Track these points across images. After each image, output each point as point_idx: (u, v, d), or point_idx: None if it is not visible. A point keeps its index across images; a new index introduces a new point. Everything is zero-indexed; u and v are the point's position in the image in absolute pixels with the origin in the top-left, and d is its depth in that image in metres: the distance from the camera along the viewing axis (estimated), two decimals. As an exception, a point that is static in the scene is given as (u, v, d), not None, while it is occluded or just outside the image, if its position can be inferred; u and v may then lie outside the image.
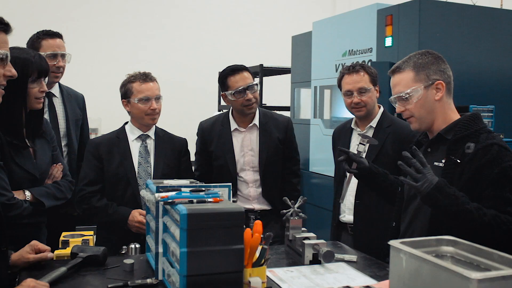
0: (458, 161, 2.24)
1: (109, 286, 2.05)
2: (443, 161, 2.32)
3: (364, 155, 2.86)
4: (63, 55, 3.54)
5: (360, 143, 2.81)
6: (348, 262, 2.49)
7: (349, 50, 4.93)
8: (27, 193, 2.63)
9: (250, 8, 8.71)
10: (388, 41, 4.44)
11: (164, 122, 3.55)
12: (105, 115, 6.14)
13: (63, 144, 3.51)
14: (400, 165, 2.27)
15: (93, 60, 7.47)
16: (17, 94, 2.57)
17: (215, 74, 6.99)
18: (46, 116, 3.39)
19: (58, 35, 3.57)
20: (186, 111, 7.51)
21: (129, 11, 8.04)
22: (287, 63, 6.24)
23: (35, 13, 7.25)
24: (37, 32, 3.55)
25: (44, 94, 2.73)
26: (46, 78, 2.75)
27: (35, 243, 2.31)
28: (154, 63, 6.07)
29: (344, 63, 4.84)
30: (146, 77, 3.27)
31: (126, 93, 3.27)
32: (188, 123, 5.06)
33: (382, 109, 3.37)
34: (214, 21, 8.46)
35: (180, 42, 8.22)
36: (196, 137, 3.67)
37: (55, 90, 3.58)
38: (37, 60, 2.66)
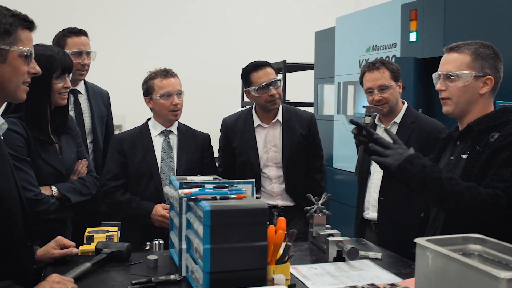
0: (481, 150, 2.23)
1: (133, 282, 2.05)
2: (468, 152, 2.29)
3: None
4: (88, 53, 3.56)
5: (366, 115, 2.72)
6: (373, 259, 2.47)
7: (373, 46, 4.89)
8: (54, 188, 2.66)
9: (273, 4, 8.69)
10: (413, 36, 4.39)
11: (188, 119, 3.56)
12: (129, 112, 6.17)
13: (88, 141, 3.55)
14: (371, 146, 2.32)
15: (117, 58, 7.51)
16: (41, 91, 2.61)
17: (238, 70, 6.98)
18: (72, 113, 3.44)
19: (83, 33, 3.60)
20: (209, 108, 7.51)
21: (152, 8, 8.07)
22: (310, 59, 6.21)
23: (59, 11, 7.31)
24: (62, 30, 3.58)
25: (68, 90, 2.76)
26: (70, 75, 2.78)
27: (60, 238, 2.33)
28: (177, 60, 6.09)
29: (368, 59, 4.79)
30: (167, 73, 3.29)
31: (148, 90, 3.30)
32: (212, 120, 5.05)
33: (406, 104, 3.34)
34: (236, 17, 8.44)
35: (202, 39, 8.23)
36: (220, 133, 3.67)
37: (81, 87, 3.61)
38: (61, 56, 2.70)
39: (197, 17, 8.26)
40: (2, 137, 1.96)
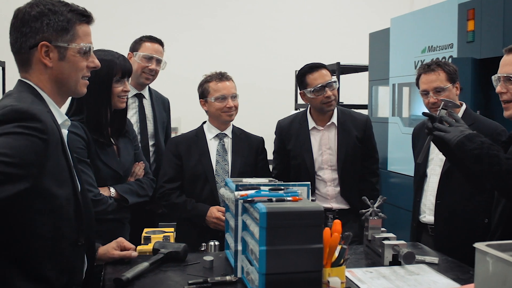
0: None
1: (190, 282, 2.09)
2: None
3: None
4: (158, 60, 3.67)
5: (442, 108, 2.59)
6: (430, 264, 2.43)
7: (429, 46, 4.80)
8: (112, 189, 2.73)
9: (326, 6, 8.64)
10: (470, 36, 4.29)
11: (242, 122, 3.60)
12: (185, 115, 6.26)
13: (150, 144, 3.63)
14: (435, 125, 2.39)
15: (173, 62, 7.61)
16: (102, 94, 2.68)
17: (292, 73, 6.99)
18: (136, 116, 3.54)
19: (159, 41, 3.73)
20: (263, 111, 7.53)
21: (206, 14, 8.14)
22: (365, 61, 6.15)
23: (123, 15, 7.52)
24: (142, 36, 3.73)
25: (127, 94, 2.82)
26: (130, 79, 2.85)
27: (121, 240, 2.39)
28: (231, 64, 6.11)
29: (424, 60, 4.72)
30: (222, 76, 3.34)
31: (203, 93, 3.36)
32: (266, 123, 5.08)
33: (464, 106, 3.26)
34: (289, 20, 8.43)
35: (256, 42, 8.24)
36: (274, 136, 3.69)
37: (145, 92, 3.71)
38: (121, 61, 2.76)
39: (250, 20, 8.29)
40: (67, 131, 1.98)
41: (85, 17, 1.94)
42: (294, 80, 6.77)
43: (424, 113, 2.58)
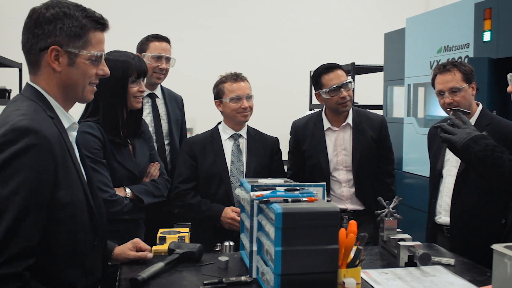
0: None
1: (205, 282, 2.09)
2: None
3: None
4: (167, 58, 3.66)
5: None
6: (446, 265, 2.41)
7: (445, 46, 4.78)
8: (128, 190, 2.74)
9: (342, 6, 8.62)
10: (487, 36, 4.26)
11: (257, 122, 3.60)
12: (200, 115, 6.27)
13: (165, 143, 3.64)
14: (442, 125, 2.42)
15: (188, 63, 7.64)
16: (118, 95, 2.70)
17: (306, 73, 6.98)
18: (150, 116, 3.55)
19: (165, 39, 3.72)
20: (277, 111, 7.53)
21: (220, 14, 8.16)
22: (380, 61, 6.13)
23: (135, 15, 7.55)
24: (147, 35, 3.71)
25: (143, 94, 2.84)
26: (145, 79, 2.86)
27: (137, 241, 2.40)
28: (246, 64, 6.13)
29: (439, 60, 4.69)
30: (237, 77, 3.34)
31: (218, 94, 3.36)
32: (280, 123, 5.09)
33: (480, 106, 3.24)
34: (304, 20, 8.43)
35: (271, 43, 8.25)
36: (289, 137, 3.69)
37: (158, 91, 3.71)
38: (137, 61, 2.77)
39: (265, 20, 8.30)
40: (75, 134, 1.96)
41: (100, 25, 1.89)
42: (309, 80, 6.75)
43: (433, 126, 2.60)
